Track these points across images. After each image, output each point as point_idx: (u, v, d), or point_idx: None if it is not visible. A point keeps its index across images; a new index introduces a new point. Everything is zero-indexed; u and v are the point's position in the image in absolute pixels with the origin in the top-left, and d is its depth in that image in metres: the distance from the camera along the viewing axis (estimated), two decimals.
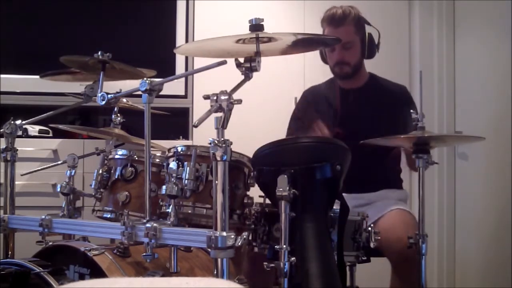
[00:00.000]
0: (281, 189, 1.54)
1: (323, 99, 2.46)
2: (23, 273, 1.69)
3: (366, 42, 2.35)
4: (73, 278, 1.72)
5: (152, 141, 1.68)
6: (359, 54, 2.37)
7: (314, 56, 2.53)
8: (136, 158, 1.88)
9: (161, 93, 1.68)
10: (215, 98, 1.47)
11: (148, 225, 1.59)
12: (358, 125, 2.32)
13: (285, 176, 1.54)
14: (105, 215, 1.90)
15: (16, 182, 2.09)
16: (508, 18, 2.94)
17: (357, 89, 2.42)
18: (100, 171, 1.90)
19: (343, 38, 2.28)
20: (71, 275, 1.73)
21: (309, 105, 2.50)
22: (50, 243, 1.89)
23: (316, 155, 1.67)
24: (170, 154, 1.80)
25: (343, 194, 1.71)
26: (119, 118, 2.39)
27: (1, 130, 2.08)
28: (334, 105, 2.41)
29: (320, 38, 2.05)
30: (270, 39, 1.59)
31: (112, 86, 2.02)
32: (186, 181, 1.67)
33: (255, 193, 1.80)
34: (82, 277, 1.71)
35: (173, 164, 1.70)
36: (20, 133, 2.09)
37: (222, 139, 1.45)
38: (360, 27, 2.36)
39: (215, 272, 1.46)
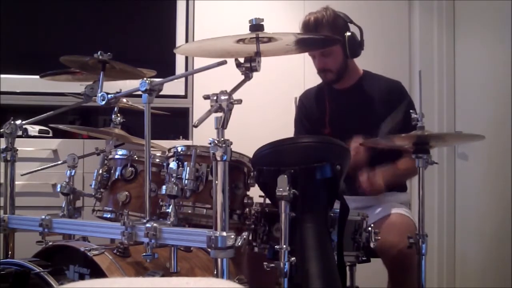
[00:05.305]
0: (281, 189, 1.54)
1: (316, 102, 2.45)
2: (23, 273, 1.69)
3: (347, 43, 2.28)
4: (73, 278, 1.72)
5: (152, 141, 1.68)
6: (341, 58, 2.30)
7: None
8: (136, 158, 1.88)
9: (161, 93, 1.68)
10: (215, 98, 1.47)
11: (148, 225, 1.59)
12: (347, 125, 2.30)
13: (285, 176, 1.54)
14: (105, 215, 1.90)
15: (16, 182, 2.09)
16: (508, 18, 2.93)
17: (347, 89, 2.39)
18: (100, 171, 1.90)
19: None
20: (71, 275, 1.73)
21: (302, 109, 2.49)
22: (50, 243, 1.88)
23: (316, 155, 1.67)
24: (170, 154, 1.80)
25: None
26: (119, 118, 2.39)
27: (1, 130, 2.08)
28: (325, 106, 2.40)
29: (320, 38, 2.05)
30: (270, 39, 1.59)
31: (112, 86, 2.02)
32: (186, 181, 1.67)
33: (255, 193, 1.80)
34: (82, 277, 1.71)
35: (173, 164, 1.70)
36: (20, 133, 2.09)
37: (222, 139, 1.45)
38: (337, 30, 2.26)
39: (215, 272, 1.46)
